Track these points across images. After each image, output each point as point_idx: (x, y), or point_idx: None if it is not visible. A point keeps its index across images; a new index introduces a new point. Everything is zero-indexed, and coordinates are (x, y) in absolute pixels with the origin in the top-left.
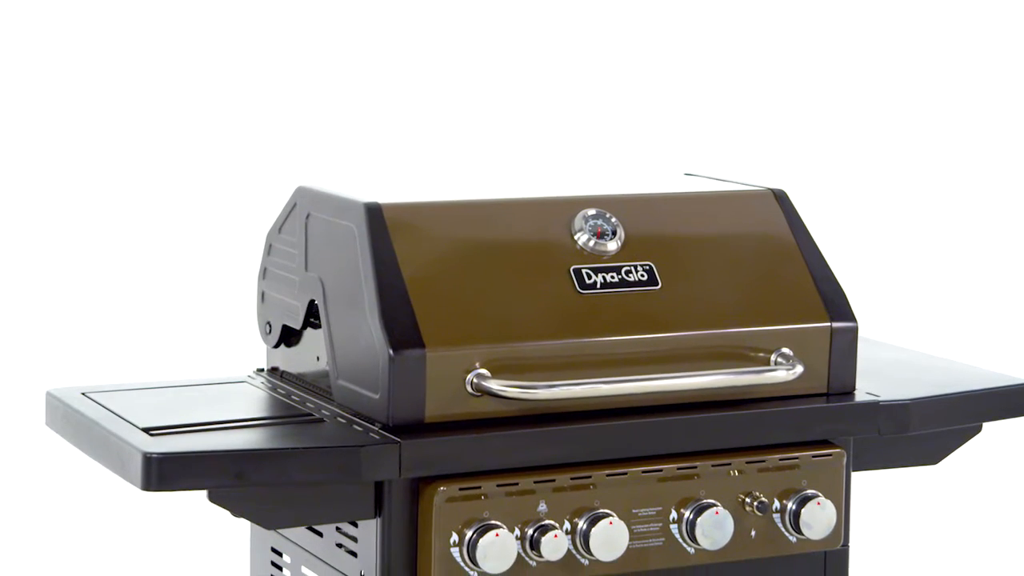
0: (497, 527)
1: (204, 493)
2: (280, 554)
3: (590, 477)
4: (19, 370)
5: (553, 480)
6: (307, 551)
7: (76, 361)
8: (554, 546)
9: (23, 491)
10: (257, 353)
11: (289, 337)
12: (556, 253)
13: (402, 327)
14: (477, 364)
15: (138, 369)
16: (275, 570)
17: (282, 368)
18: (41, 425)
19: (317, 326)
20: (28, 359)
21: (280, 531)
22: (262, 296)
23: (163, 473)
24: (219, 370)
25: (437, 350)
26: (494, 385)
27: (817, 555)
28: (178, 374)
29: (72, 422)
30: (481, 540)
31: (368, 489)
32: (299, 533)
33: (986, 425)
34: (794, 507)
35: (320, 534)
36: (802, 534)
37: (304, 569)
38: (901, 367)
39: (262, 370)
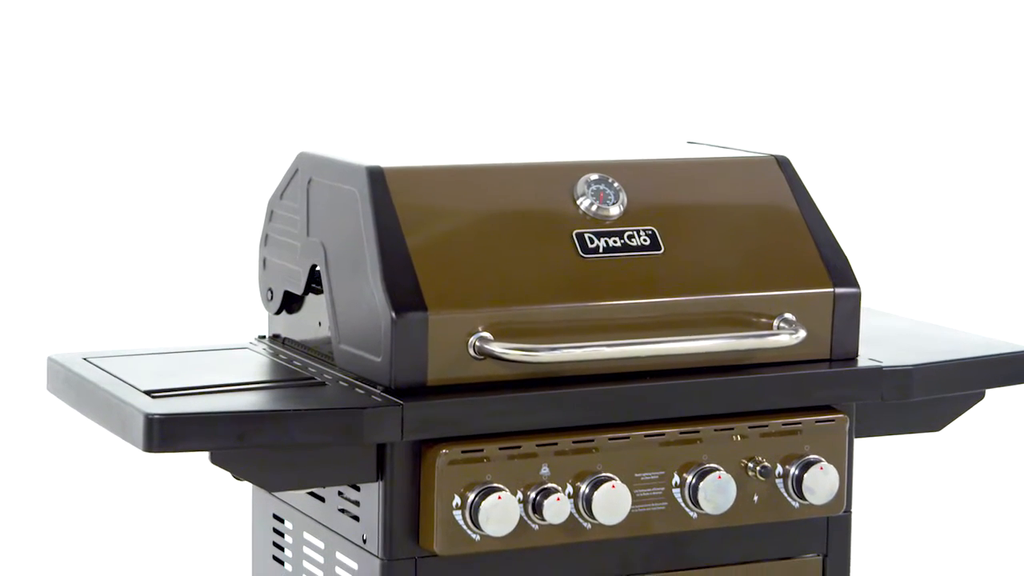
0: (499, 490)
1: (206, 463)
2: (282, 520)
3: (593, 441)
4: (20, 336)
5: (556, 443)
6: (309, 517)
7: (78, 328)
8: (556, 509)
9: (25, 456)
10: (259, 320)
11: (291, 303)
12: (559, 217)
13: (404, 290)
14: (480, 327)
15: (139, 336)
16: (277, 537)
17: (284, 335)
18: (42, 390)
19: (319, 292)
20: (29, 326)
21: (282, 498)
22: (264, 263)
23: (165, 434)
24: (221, 338)
25: (439, 313)
26: (497, 348)
27: (819, 520)
28: (180, 342)
29: (74, 386)
30: (483, 503)
31: (370, 452)
32: (301, 499)
33: (989, 392)
34: (797, 472)
35: (322, 499)
36: (805, 499)
37: (306, 535)
38: (904, 335)
39: (264, 337)
